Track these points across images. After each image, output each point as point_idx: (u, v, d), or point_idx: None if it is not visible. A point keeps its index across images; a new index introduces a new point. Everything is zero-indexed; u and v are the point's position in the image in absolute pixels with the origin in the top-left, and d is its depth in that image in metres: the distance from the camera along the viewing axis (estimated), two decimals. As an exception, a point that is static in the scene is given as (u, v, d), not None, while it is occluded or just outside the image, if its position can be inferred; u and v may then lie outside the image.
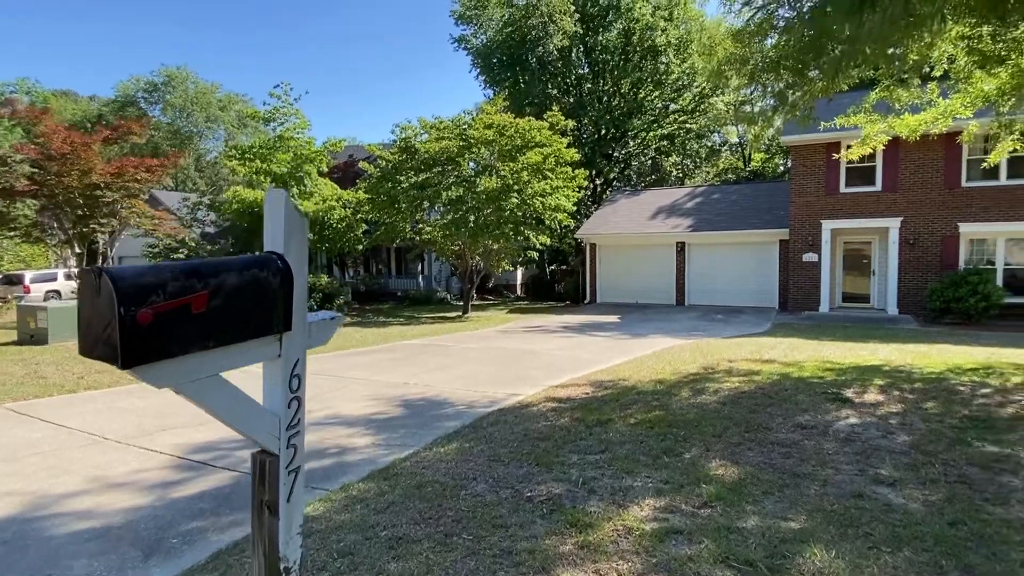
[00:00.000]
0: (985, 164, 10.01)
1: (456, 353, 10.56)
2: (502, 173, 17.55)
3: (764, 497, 3.58)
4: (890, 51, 6.51)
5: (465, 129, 18.01)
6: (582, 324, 15.85)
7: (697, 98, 28.45)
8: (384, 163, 18.97)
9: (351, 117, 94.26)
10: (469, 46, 30.17)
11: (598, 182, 30.59)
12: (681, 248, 20.69)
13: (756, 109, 8.35)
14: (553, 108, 20.15)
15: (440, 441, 5.02)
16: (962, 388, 5.66)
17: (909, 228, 16.41)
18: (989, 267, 15.59)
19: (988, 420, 4.67)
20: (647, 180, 33.12)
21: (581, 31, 27.89)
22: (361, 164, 21.11)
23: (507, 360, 9.59)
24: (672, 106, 29.08)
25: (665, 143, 30.20)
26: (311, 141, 21.02)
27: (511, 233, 17.51)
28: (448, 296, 25.64)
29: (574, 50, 28.75)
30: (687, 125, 29.35)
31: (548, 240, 18.85)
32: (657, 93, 28.23)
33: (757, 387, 6.15)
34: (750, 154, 33.55)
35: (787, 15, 7.13)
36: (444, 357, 10.12)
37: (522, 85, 28.55)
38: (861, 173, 16.93)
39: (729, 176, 33.95)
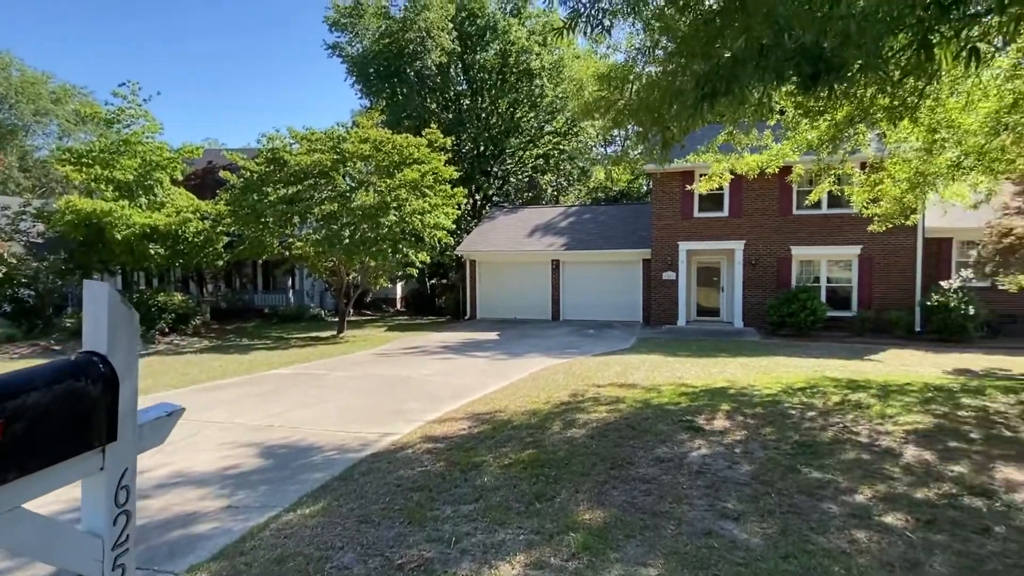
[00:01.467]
0: (808, 201, 11.43)
1: (329, 384, 10.05)
2: (379, 189, 17.11)
3: (627, 541, 3.75)
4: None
5: (339, 142, 17.34)
6: (462, 343, 15.84)
7: (569, 122, 29.80)
8: (249, 174, 17.71)
9: (213, 118, 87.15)
10: (344, 54, 29.20)
11: (477, 197, 30.90)
12: (556, 266, 21.46)
13: (620, 147, 8.92)
14: (432, 124, 20.07)
15: (305, 500, 4.71)
16: (793, 412, 6.38)
17: (751, 250, 18.35)
18: (815, 285, 17.86)
19: (813, 445, 5.30)
20: (524, 197, 34.05)
21: (459, 49, 28.10)
22: (222, 173, 19.51)
23: (384, 390, 9.30)
24: (547, 127, 30.21)
25: (541, 162, 31.28)
26: (163, 146, 19.09)
27: (389, 250, 17.09)
28: (322, 312, 24.46)
29: (453, 67, 28.90)
30: (561, 146, 30.65)
31: (427, 258, 18.68)
32: (532, 114, 29.19)
33: (621, 417, 6.49)
34: (612, 176, 35.74)
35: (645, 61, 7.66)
36: (315, 389, 9.59)
37: (400, 98, 28.15)
38: (712, 200, 18.66)
39: (599, 195, 35.87)
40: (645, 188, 34.99)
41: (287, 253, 18.84)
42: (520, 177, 33.28)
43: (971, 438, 5.35)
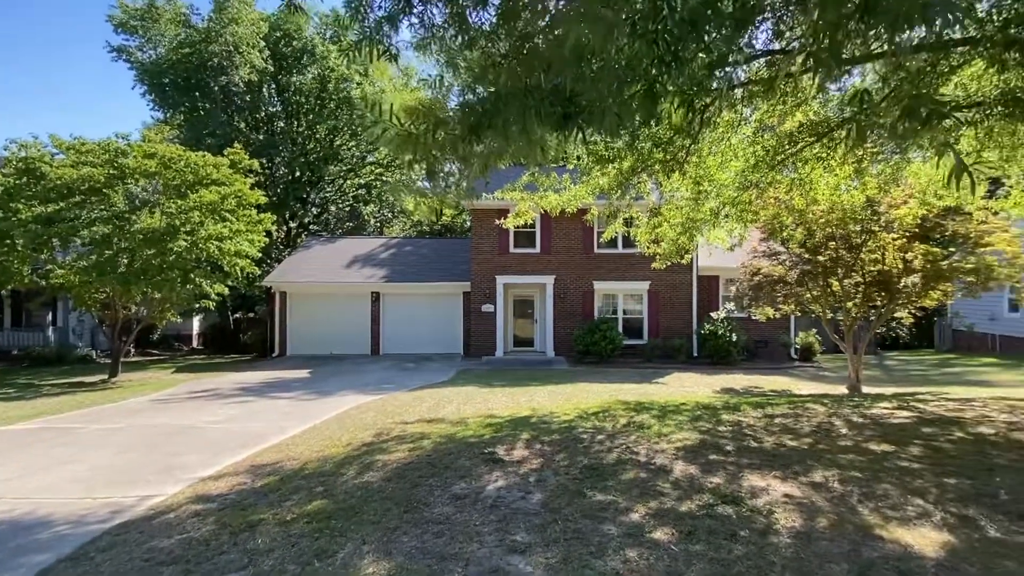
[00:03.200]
0: (603, 239, 12.50)
1: (83, 439, 8.34)
2: (168, 211, 15.10)
3: (411, 593, 3.50)
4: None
5: (118, 156, 15.07)
6: (265, 383, 14.42)
7: (392, 153, 29.62)
8: (-9, 186, 14.54)
9: (-46, 114, 71.17)
10: (133, 59, 25.82)
11: (292, 225, 29.08)
12: (376, 298, 20.81)
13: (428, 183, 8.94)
14: (236, 144, 18.44)
15: (9, 594, 3.69)
16: (585, 436, 6.72)
17: (560, 284, 19.61)
18: (614, 316, 19.60)
19: (599, 468, 5.58)
20: (346, 227, 32.82)
21: (273, 69, 26.50)
22: (-47, 184, 15.74)
23: (155, 444, 7.95)
24: (369, 157, 29.64)
25: (363, 191, 30.49)
26: None
27: (178, 280, 15.06)
28: (94, 353, 20.76)
29: (265, 86, 27.13)
30: (384, 177, 30.23)
31: (226, 289, 16.85)
32: (354, 143, 28.44)
33: (423, 455, 6.27)
34: (441, 209, 36.21)
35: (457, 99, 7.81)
36: (63, 447, 7.88)
37: (202, 113, 25.59)
38: (526, 237, 19.68)
39: (424, 228, 35.97)
40: (468, 223, 36.00)
41: (44, 283, 15.69)
42: (341, 206, 32.08)
43: (727, 451, 6.07)
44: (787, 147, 9.35)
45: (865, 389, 12.82)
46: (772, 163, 9.57)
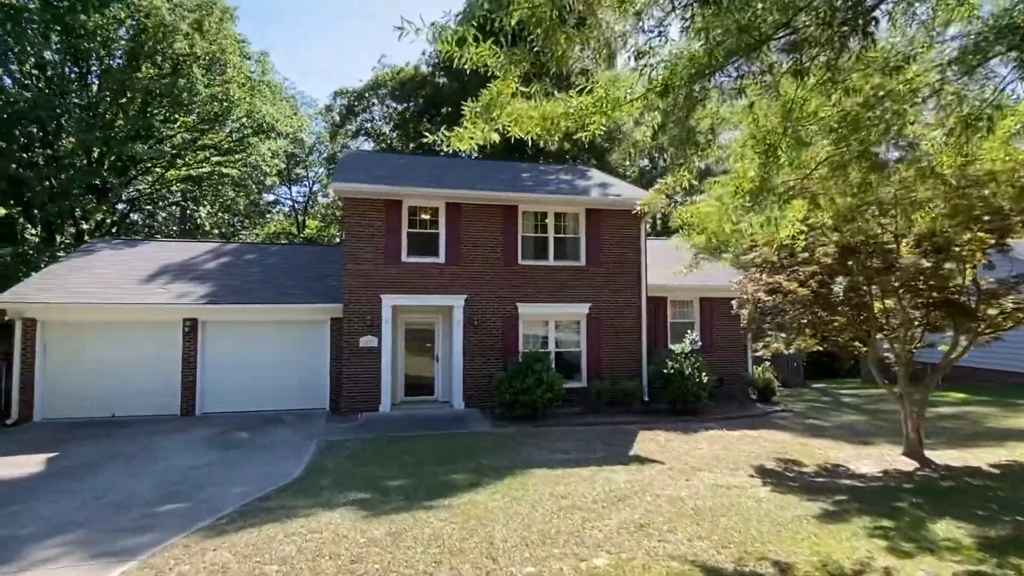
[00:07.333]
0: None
1: None
2: None
3: None
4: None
5: None
6: None
7: (236, 137, 21.47)
8: None
9: None
10: None
11: (86, 227, 19.79)
12: (193, 327, 13.02)
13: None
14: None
15: None
16: None
17: (473, 307, 13.41)
18: (545, 351, 13.75)
19: None
20: (173, 234, 23.79)
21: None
22: None
23: None
24: (203, 140, 21.17)
25: (192, 186, 21.79)
26: None
27: None
28: None
29: (42, 25, 18.02)
30: (224, 167, 21.84)
31: None
32: (180, 120, 20.00)
33: None
34: (304, 220, 28.25)
35: None
36: None
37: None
38: (425, 240, 13.33)
39: (282, 241, 27.82)
40: (338, 239, 28.25)
41: None
42: (167, 206, 23.07)
43: None
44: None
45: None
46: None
